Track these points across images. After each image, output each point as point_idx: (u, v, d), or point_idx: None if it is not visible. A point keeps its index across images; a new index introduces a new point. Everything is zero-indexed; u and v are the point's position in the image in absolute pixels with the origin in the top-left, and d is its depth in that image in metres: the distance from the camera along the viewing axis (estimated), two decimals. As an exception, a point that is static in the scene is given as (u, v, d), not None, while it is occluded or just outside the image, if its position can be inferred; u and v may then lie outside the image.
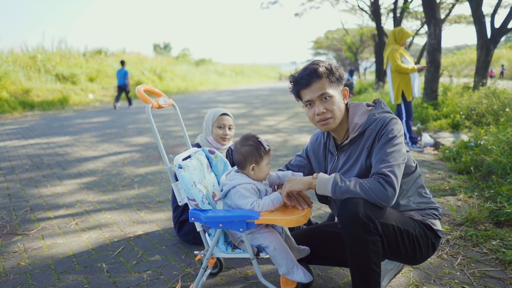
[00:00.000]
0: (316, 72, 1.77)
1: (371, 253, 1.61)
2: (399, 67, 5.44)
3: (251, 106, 15.10)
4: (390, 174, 1.63)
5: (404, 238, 1.71)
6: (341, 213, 1.64)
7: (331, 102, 1.79)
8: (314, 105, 1.81)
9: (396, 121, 1.79)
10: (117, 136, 8.08)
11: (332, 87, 1.80)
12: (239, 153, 1.86)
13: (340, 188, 1.65)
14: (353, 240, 1.61)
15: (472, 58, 28.43)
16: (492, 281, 2.10)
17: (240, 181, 1.84)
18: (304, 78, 1.79)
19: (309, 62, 1.86)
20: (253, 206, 1.76)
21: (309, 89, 1.80)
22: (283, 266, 1.82)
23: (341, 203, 1.65)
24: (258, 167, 1.85)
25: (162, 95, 2.02)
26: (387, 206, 1.66)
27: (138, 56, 28.62)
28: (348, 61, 39.20)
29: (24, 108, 15.10)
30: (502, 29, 8.47)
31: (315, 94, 1.79)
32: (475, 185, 3.70)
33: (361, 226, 1.57)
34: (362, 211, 1.58)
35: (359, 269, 1.64)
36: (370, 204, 1.61)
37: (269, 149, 1.88)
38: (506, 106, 6.23)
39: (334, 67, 1.82)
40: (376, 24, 15.23)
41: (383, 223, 1.63)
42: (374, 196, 1.60)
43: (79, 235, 2.95)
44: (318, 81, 1.77)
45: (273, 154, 5.69)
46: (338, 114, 1.81)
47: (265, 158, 1.86)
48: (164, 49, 69.59)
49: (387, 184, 1.61)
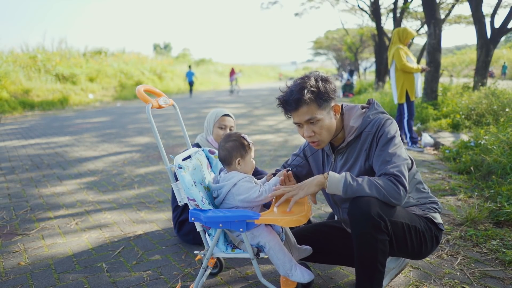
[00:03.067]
0: (302, 99, 1.72)
1: (379, 253, 1.61)
2: (405, 66, 5.44)
3: (251, 106, 15.11)
4: (400, 174, 1.64)
5: (412, 234, 1.73)
6: (352, 211, 1.63)
7: (319, 125, 1.77)
8: (303, 127, 1.81)
9: (391, 122, 1.80)
10: (117, 136, 8.08)
11: (321, 109, 1.76)
12: (224, 149, 1.91)
13: (352, 187, 1.64)
14: (362, 239, 1.61)
15: (472, 58, 28.42)
16: (492, 281, 2.10)
17: (239, 177, 1.86)
18: (291, 104, 1.76)
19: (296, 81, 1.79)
20: (261, 192, 1.80)
21: (296, 113, 1.78)
22: (280, 267, 1.81)
23: (352, 201, 1.65)
24: (243, 161, 1.90)
25: (162, 95, 2.02)
26: (399, 205, 1.67)
27: (138, 56, 28.63)
28: (348, 61, 39.23)
29: (24, 108, 15.11)
30: (502, 29, 8.47)
31: (303, 119, 1.77)
32: (475, 185, 3.70)
33: (372, 224, 1.58)
34: (374, 209, 1.58)
35: (365, 268, 1.64)
36: (381, 202, 1.62)
37: (252, 143, 1.94)
38: (506, 106, 6.23)
39: (323, 86, 1.74)
40: (376, 24, 15.24)
41: (393, 221, 1.64)
42: (388, 195, 1.61)
43: (79, 235, 2.95)
44: (305, 106, 1.74)
45: (273, 154, 5.69)
46: (326, 136, 1.81)
47: (249, 152, 1.92)
48: (164, 49, 69.63)
49: (399, 184, 1.63)
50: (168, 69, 29.13)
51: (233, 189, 1.85)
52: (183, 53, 50.00)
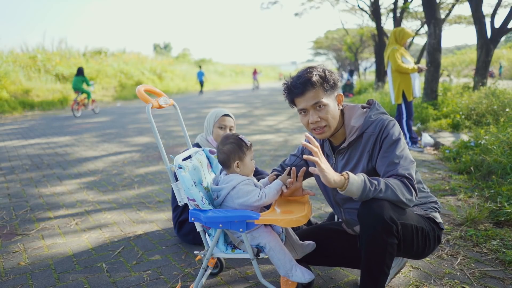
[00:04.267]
0: (310, 81, 1.74)
1: (387, 256, 1.60)
2: (400, 67, 5.44)
3: (251, 106, 15.11)
4: (411, 177, 1.65)
5: (419, 236, 1.73)
6: (364, 213, 1.62)
7: (325, 110, 1.77)
8: (308, 113, 1.80)
9: (394, 123, 1.80)
10: (117, 136, 8.08)
11: (326, 95, 1.78)
12: (222, 152, 1.89)
13: (370, 192, 1.59)
14: (372, 241, 1.60)
15: (472, 58, 28.44)
16: (492, 281, 2.10)
17: (238, 180, 1.84)
18: (298, 87, 1.77)
19: (303, 69, 1.82)
20: (260, 196, 1.78)
21: (302, 98, 1.77)
22: (280, 267, 1.81)
23: (364, 203, 1.63)
24: (242, 163, 1.88)
25: (163, 95, 2.02)
26: (409, 207, 1.66)
27: (138, 56, 28.62)
28: (348, 61, 39.21)
29: (24, 108, 15.11)
30: (502, 29, 8.47)
31: (309, 103, 1.77)
32: (475, 185, 3.70)
33: (383, 228, 1.57)
34: (387, 213, 1.57)
35: (371, 270, 1.64)
36: (393, 205, 1.61)
37: (250, 144, 1.90)
38: (506, 106, 6.23)
39: (328, 73, 1.78)
40: (376, 24, 15.24)
41: (403, 224, 1.63)
42: (401, 197, 1.60)
43: (79, 235, 2.95)
44: (312, 90, 1.75)
45: (273, 154, 5.69)
46: (332, 122, 1.80)
47: (248, 154, 1.89)
48: (164, 49, 69.59)
49: (411, 187, 1.63)
50: (168, 69, 29.13)
51: (232, 192, 1.84)
52: (183, 53, 49.98)
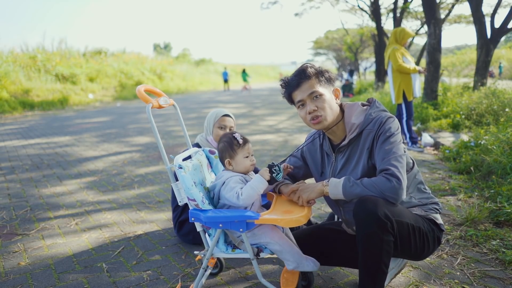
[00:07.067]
0: (305, 72, 1.83)
1: (384, 253, 1.61)
2: (401, 67, 5.44)
3: (251, 106, 15.11)
4: (390, 167, 1.66)
5: (416, 235, 1.73)
6: (358, 211, 1.63)
7: (322, 100, 1.81)
8: (306, 104, 1.84)
9: (393, 120, 1.80)
10: (117, 136, 8.08)
11: (322, 86, 1.84)
12: (218, 151, 1.97)
13: (350, 188, 1.69)
14: (368, 239, 1.60)
15: (472, 58, 28.39)
16: (492, 281, 2.10)
17: (228, 175, 1.88)
18: (293, 79, 1.85)
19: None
20: (237, 194, 1.79)
21: (299, 90, 1.83)
22: (291, 260, 1.81)
23: (358, 201, 1.65)
24: (234, 161, 1.91)
25: (163, 95, 2.02)
26: (397, 198, 1.65)
27: (138, 56, 28.63)
28: (348, 61, 39.19)
29: (24, 108, 15.11)
30: (502, 29, 8.46)
31: (305, 93, 1.82)
32: (475, 185, 3.70)
33: (378, 225, 1.57)
34: (381, 210, 1.58)
35: (369, 268, 1.64)
36: (388, 203, 1.63)
37: (243, 142, 1.90)
38: (506, 106, 6.23)
39: (324, 69, 1.87)
40: (376, 24, 15.22)
41: (398, 221, 1.64)
42: (382, 191, 1.63)
43: (79, 235, 2.95)
44: (307, 81, 1.82)
45: (273, 154, 5.69)
46: (329, 112, 1.82)
47: (239, 152, 1.90)
48: (164, 49, 69.59)
49: (390, 176, 1.64)
50: (168, 69, 29.15)
51: (222, 187, 1.87)
52: (183, 53, 49.95)
